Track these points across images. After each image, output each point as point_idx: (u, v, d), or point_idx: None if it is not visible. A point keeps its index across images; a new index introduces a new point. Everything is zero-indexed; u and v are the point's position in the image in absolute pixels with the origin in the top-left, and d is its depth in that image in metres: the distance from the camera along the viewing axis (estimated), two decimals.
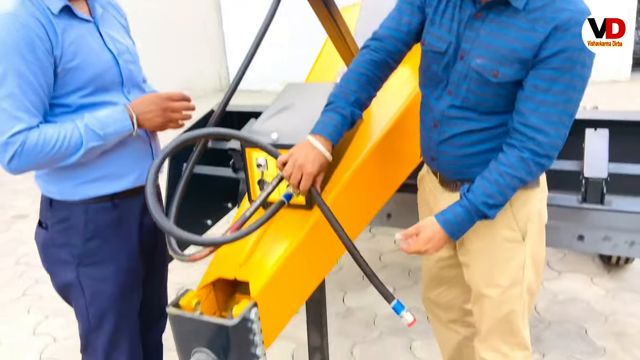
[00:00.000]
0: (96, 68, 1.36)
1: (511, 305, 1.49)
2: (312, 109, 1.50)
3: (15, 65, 1.23)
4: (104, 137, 1.33)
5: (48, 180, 1.41)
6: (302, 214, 1.42)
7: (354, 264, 1.51)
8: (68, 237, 1.42)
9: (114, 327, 1.50)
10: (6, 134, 1.23)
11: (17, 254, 3.72)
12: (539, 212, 1.45)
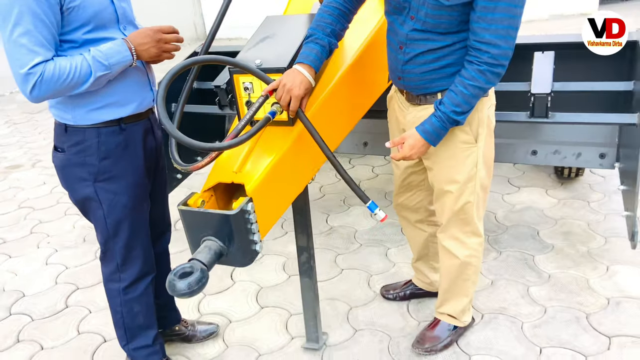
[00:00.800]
0: (95, 7, 1.55)
1: (467, 197, 1.79)
2: (290, 38, 1.73)
3: (28, 5, 1.40)
4: (109, 67, 1.54)
5: (62, 109, 1.62)
6: (285, 130, 1.66)
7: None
8: (84, 157, 1.64)
9: (129, 233, 1.76)
10: (27, 66, 1.42)
11: (18, 199, 3.94)
12: (488, 117, 1.72)
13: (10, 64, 1.45)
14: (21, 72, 1.43)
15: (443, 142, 1.73)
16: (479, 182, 1.79)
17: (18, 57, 1.42)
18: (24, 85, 1.46)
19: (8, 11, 1.39)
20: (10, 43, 1.42)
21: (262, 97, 1.56)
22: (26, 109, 6.86)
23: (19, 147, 5.24)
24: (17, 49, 1.41)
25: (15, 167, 4.67)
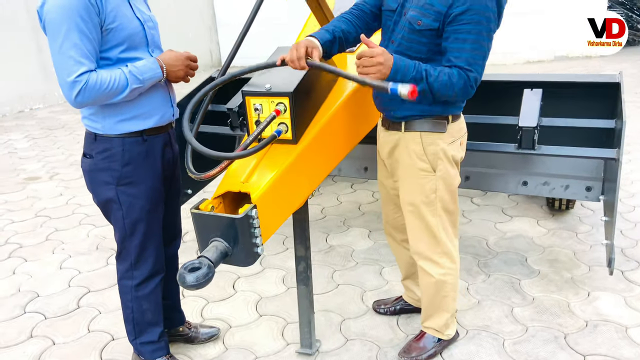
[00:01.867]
0: (128, 30, 1.78)
1: (429, 218, 1.96)
2: None
3: (76, 23, 1.63)
4: (142, 81, 1.77)
5: (94, 120, 1.84)
6: (289, 147, 1.86)
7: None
8: (109, 163, 1.85)
9: (144, 234, 1.95)
10: (74, 74, 1.64)
11: (35, 208, 4.15)
12: (444, 152, 1.89)
13: (58, 73, 1.67)
14: (68, 80, 1.65)
15: (406, 167, 1.94)
16: (441, 206, 1.96)
17: (66, 67, 1.64)
18: (70, 91, 1.66)
19: (58, 27, 1.62)
20: (59, 55, 1.64)
21: (270, 116, 1.77)
22: (45, 125, 7.15)
23: (37, 161, 5.49)
24: (66, 60, 1.64)
25: (33, 179, 4.90)
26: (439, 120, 1.87)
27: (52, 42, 1.66)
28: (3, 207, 4.21)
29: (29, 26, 8.14)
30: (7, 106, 8.07)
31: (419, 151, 1.90)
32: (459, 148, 1.95)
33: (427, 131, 1.88)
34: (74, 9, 1.62)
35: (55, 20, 1.62)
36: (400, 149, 1.96)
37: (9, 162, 5.47)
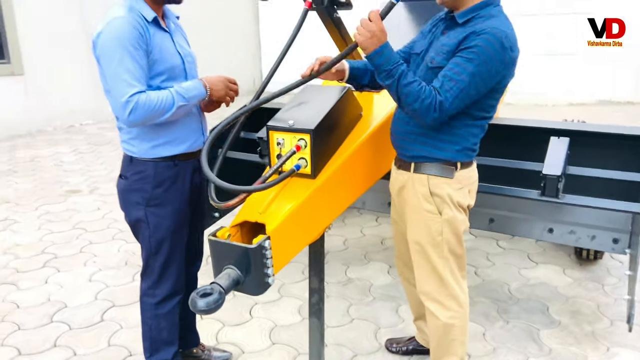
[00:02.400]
0: (170, 63, 1.94)
1: (435, 260, 1.98)
2: (321, 105, 2.02)
3: (129, 51, 1.79)
4: (188, 99, 1.90)
5: (131, 144, 1.98)
6: (307, 181, 1.93)
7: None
8: (141, 184, 1.98)
9: (167, 253, 2.05)
10: (126, 95, 1.78)
11: (73, 221, 4.35)
12: (450, 197, 1.92)
13: (113, 96, 1.82)
14: (121, 100, 1.79)
15: (413, 207, 1.98)
16: (448, 248, 1.97)
17: (119, 89, 1.79)
18: (123, 110, 1.80)
19: (113, 54, 1.78)
20: (113, 79, 1.79)
21: (290, 152, 1.84)
22: (92, 141, 7.50)
23: (81, 174, 5.76)
24: (119, 83, 1.78)
25: (75, 192, 5.14)
26: (447, 165, 1.91)
27: (107, 68, 1.82)
28: (44, 217, 4.44)
29: (85, 45, 8.63)
30: (59, 120, 8.52)
31: (426, 193, 1.94)
32: (467, 195, 1.97)
33: (434, 175, 1.92)
34: (127, 38, 1.78)
35: (110, 48, 1.79)
36: (408, 189, 2.00)
37: (54, 174, 5.76)
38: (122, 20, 1.80)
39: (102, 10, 6.75)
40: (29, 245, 3.86)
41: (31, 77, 8.02)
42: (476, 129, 1.89)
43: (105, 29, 1.81)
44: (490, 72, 1.72)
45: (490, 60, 1.69)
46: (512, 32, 1.75)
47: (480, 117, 1.86)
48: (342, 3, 2.03)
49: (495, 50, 1.69)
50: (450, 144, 1.88)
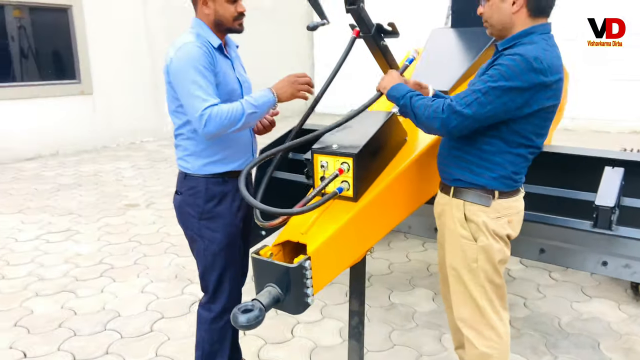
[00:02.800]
0: (230, 87, 2.07)
1: (471, 287, 1.96)
2: (365, 129, 2.06)
3: (200, 71, 1.92)
4: (257, 107, 1.98)
5: (186, 160, 2.10)
6: (349, 204, 1.96)
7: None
8: (194, 199, 2.09)
9: (221, 267, 2.13)
10: (201, 109, 1.89)
11: (130, 233, 4.57)
12: (486, 225, 1.89)
13: (188, 111, 1.93)
14: (197, 115, 1.89)
15: (450, 232, 1.98)
16: (484, 276, 1.94)
17: (195, 105, 1.90)
18: (199, 123, 1.90)
19: (186, 74, 1.91)
20: (189, 97, 1.91)
21: (333, 175, 1.89)
22: (151, 157, 7.86)
23: (139, 189, 6.05)
24: (194, 99, 1.90)
25: (132, 206, 5.40)
26: (484, 193, 1.89)
27: (181, 88, 1.94)
28: (104, 229, 4.69)
29: (149, 68, 9.12)
30: (122, 137, 8.99)
31: (461, 218, 1.94)
32: (506, 225, 1.93)
33: (470, 201, 1.92)
34: (198, 60, 1.92)
35: (184, 69, 1.92)
36: (447, 214, 2.01)
37: (115, 189, 6.08)
38: (193, 44, 1.93)
39: (166, 37, 7.27)
40: (88, 256, 4.08)
41: (99, 97, 8.55)
42: (515, 157, 1.85)
43: (177, 53, 1.94)
44: (517, 94, 1.69)
45: (513, 78, 1.68)
46: (551, 57, 1.73)
47: (517, 143, 1.82)
48: (389, 31, 2.08)
49: (521, 69, 1.67)
50: (486, 170, 1.87)
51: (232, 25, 2.05)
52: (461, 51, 3.12)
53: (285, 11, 11.25)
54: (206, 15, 2.03)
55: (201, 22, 2.04)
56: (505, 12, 1.81)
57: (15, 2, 7.49)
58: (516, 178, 1.90)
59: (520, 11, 1.80)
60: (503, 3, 1.81)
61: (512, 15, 1.81)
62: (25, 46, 7.84)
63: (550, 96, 1.75)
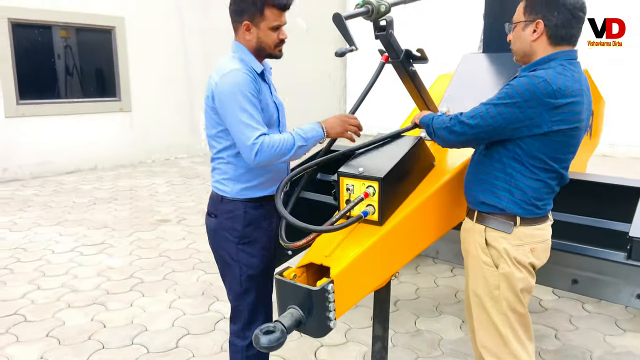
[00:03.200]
0: (269, 112, 2.07)
1: (494, 315, 1.92)
2: (392, 154, 2.07)
3: (249, 98, 1.93)
4: (307, 140, 1.99)
5: (225, 184, 2.08)
6: (374, 228, 1.96)
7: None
8: (233, 223, 2.07)
9: (256, 292, 2.11)
10: (252, 138, 1.90)
11: (160, 249, 4.66)
12: (507, 252, 1.87)
13: (238, 138, 1.92)
14: (248, 144, 1.90)
15: (472, 257, 1.97)
16: (507, 305, 1.90)
17: (245, 133, 1.90)
18: (250, 153, 1.90)
19: (235, 100, 1.91)
20: (239, 124, 1.91)
21: (358, 198, 1.90)
22: (184, 174, 8.03)
23: (171, 205, 6.18)
24: (245, 127, 1.90)
25: (164, 221, 5.51)
26: (506, 220, 1.88)
27: (230, 115, 1.92)
28: (136, 243, 4.80)
29: (185, 88, 9.39)
30: (157, 153, 9.23)
31: (483, 244, 1.93)
32: (528, 253, 1.89)
33: (491, 227, 1.91)
34: (245, 87, 1.92)
35: (233, 95, 1.91)
36: (470, 238, 1.99)
37: (148, 204, 6.23)
38: (240, 72, 1.93)
39: (202, 58, 7.48)
40: (120, 269, 4.18)
41: (137, 114, 8.83)
42: (535, 182, 1.84)
43: (224, 80, 1.92)
44: (516, 107, 1.74)
45: (516, 96, 1.74)
46: (564, 80, 1.73)
47: (535, 167, 1.82)
48: (418, 57, 2.10)
49: (525, 89, 1.72)
50: (507, 193, 1.87)
51: (273, 51, 2.05)
52: (492, 75, 3.10)
53: (319, 32, 11.42)
54: (248, 41, 2.03)
55: (243, 47, 2.04)
56: (526, 40, 1.86)
57: (63, 22, 7.86)
58: (538, 204, 1.87)
59: (540, 39, 1.83)
60: (524, 31, 1.86)
61: (532, 43, 1.85)
62: (70, 64, 8.19)
63: (560, 119, 1.75)
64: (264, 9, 1.95)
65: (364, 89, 2.23)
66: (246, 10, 1.97)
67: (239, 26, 2.02)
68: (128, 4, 8.47)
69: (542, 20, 1.80)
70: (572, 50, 1.85)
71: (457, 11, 9.76)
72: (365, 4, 1.86)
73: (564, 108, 1.74)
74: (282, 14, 2.00)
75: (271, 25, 1.98)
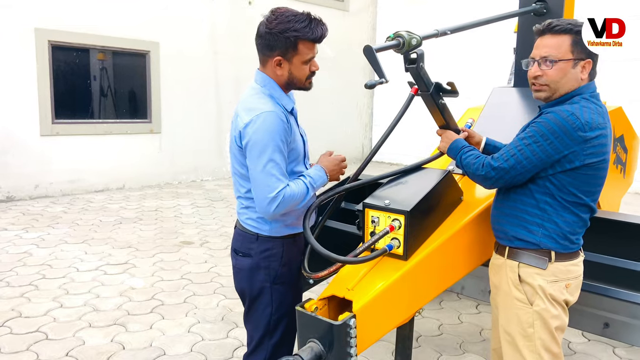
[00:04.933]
0: (299, 147, 2.02)
1: (525, 353, 1.85)
2: (420, 187, 2.04)
3: (277, 145, 1.85)
4: (316, 188, 1.99)
5: (262, 222, 2.00)
6: (398, 262, 1.92)
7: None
8: (270, 262, 2.00)
9: (284, 330, 2.06)
10: (275, 190, 1.84)
11: (182, 271, 4.67)
12: (542, 289, 1.82)
13: (259, 189, 1.85)
14: (270, 196, 1.82)
15: (505, 294, 1.92)
16: (541, 344, 1.84)
17: (269, 184, 1.83)
18: (271, 205, 1.83)
19: (265, 148, 1.82)
20: (263, 173, 1.83)
21: (384, 231, 1.86)
22: (209, 196, 8.10)
23: (195, 227, 6.22)
24: (269, 178, 1.84)
25: (187, 243, 5.54)
26: (540, 255, 1.84)
27: (256, 160, 1.84)
28: (158, 265, 4.82)
29: (214, 112, 9.55)
30: (184, 175, 9.36)
31: (516, 280, 1.88)
32: (563, 290, 1.83)
33: (525, 263, 1.86)
34: (277, 132, 1.84)
35: (262, 141, 1.82)
36: (501, 275, 1.95)
37: (172, 225, 6.28)
38: (273, 115, 1.84)
39: (233, 84, 7.61)
40: (141, 290, 4.19)
41: (166, 136, 9.01)
42: (568, 215, 1.82)
43: (256, 121, 1.83)
44: (548, 145, 1.74)
45: (548, 134, 1.73)
46: (589, 113, 1.74)
47: (567, 200, 1.80)
48: (448, 90, 2.08)
49: (556, 125, 1.73)
50: (540, 228, 1.84)
51: (304, 84, 1.98)
52: (522, 110, 3.06)
53: (347, 61, 11.54)
54: (278, 76, 1.94)
55: (272, 81, 1.95)
56: (575, 78, 1.84)
57: (100, 46, 8.14)
58: (572, 239, 1.84)
59: (586, 78, 1.84)
60: (573, 69, 1.83)
61: (580, 82, 1.83)
62: (105, 86, 8.45)
63: (591, 152, 1.75)
64: (297, 44, 1.87)
65: (392, 120, 2.22)
66: (277, 46, 1.87)
67: (269, 60, 1.92)
68: (163, 30, 8.73)
69: (592, 59, 1.83)
70: (593, 83, 1.87)
71: (487, 45, 9.75)
72: (397, 37, 1.87)
73: (593, 141, 1.74)
74: (315, 45, 1.93)
75: (305, 59, 1.91)
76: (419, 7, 11.38)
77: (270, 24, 1.86)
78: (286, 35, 1.84)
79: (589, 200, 1.82)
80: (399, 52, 1.92)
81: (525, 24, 3.05)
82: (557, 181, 1.79)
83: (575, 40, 1.82)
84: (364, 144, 12.75)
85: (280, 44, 1.87)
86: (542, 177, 1.80)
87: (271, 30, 1.85)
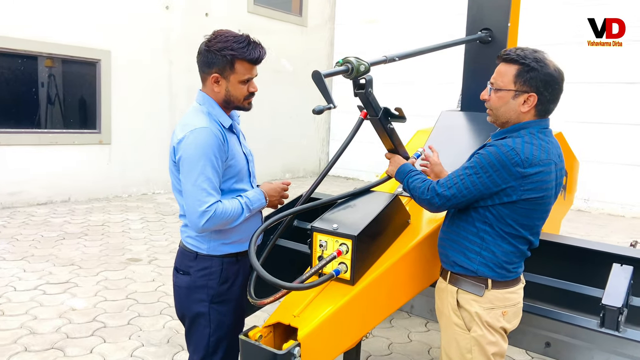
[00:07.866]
0: (240, 165, 2.01)
1: None
2: (368, 211, 2.04)
3: (211, 160, 1.86)
4: (251, 210, 1.98)
5: (200, 241, 1.99)
6: (346, 287, 1.91)
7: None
8: (207, 280, 1.98)
9: (225, 352, 2.02)
10: (206, 204, 1.83)
11: (128, 290, 4.50)
12: (479, 316, 1.85)
13: (190, 202, 1.86)
14: (199, 210, 1.83)
15: (445, 318, 1.95)
16: None
17: (199, 198, 1.84)
18: (200, 219, 1.84)
19: (196, 163, 1.85)
20: (194, 186, 1.85)
21: (331, 256, 1.85)
22: (160, 210, 7.89)
23: (143, 243, 6.02)
24: (200, 191, 1.84)
25: (135, 260, 5.35)
26: (478, 282, 1.87)
27: (188, 174, 1.86)
28: (102, 283, 4.63)
29: (168, 121, 9.35)
30: (134, 187, 9.09)
31: (454, 306, 1.91)
32: (500, 317, 1.87)
33: (463, 289, 1.89)
34: (209, 147, 1.86)
35: (194, 156, 1.85)
36: (443, 299, 1.98)
37: (120, 241, 6.06)
38: (206, 130, 1.87)
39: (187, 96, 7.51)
40: (83, 311, 4.00)
41: (116, 147, 8.72)
42: (506, 246, 1.85)
43: (189, 136, 1.86)
44: (487, 178, 1.77)
45: (488, 167, 1.77)
46: (531, 150, 1.76)
47: (504, 232, 1.83)
48: (396, 116, 2.10)
49: (496, 159, 1.76)
50: (478, 256, 1.87)
51: (242, 104, 2.01)
52: (469, 134, 3.14)
53: (305, 76, 11.55)
54: (216, 93, 1.97)
55: (210, 99, 1.98)
56: (514, 109, 1.85)
57: (47, 53, 7.83)
58: (509, 268, 1.87)
59: (529, 112, 1.84)
60: (513, 100, 1.84)
61: (521, 114, 1.85)
62: (52, 94, 8.12)
63: (530, 188, 1.77)
64: (234, 63, 1.91)
65: (344, 141, 2.22)
66: (215, 63, 1.91)
67: (207, 77, 1.96)
68: (116, 38, 8.50)
69: (537, 95, 1.80)
70: (544, 120, 1.88)
71: (438, 65, 10.02)
72: (345, 62, 1.87)
73: (532, 177, 1.76)
74: (253, 67, 1.96)
75: (241, 78, 1.94)
76: (373, 25, 11.61)
77: (210, 42, 1.92)
78: (223, 54, 1.89)
79: (527, 233, 1.85)
80: (348, 77, 1.92)
81: (471, 51, 3.14)
82: (496, 212, 1.82)
83: (520, 72, 1.80)
84: (321, 158, 12.80)
85: (217, 61, 1.91)
86: (482, 206, 1.83)
87: (210, 48, 1.91)
